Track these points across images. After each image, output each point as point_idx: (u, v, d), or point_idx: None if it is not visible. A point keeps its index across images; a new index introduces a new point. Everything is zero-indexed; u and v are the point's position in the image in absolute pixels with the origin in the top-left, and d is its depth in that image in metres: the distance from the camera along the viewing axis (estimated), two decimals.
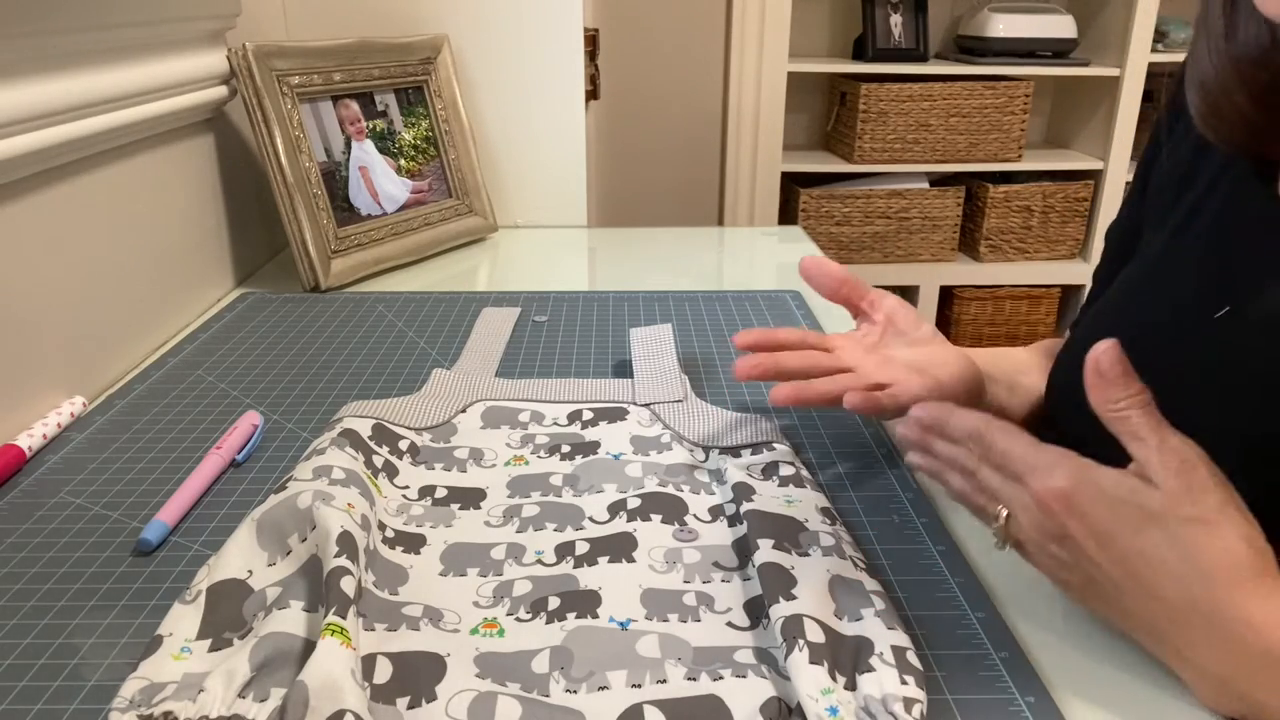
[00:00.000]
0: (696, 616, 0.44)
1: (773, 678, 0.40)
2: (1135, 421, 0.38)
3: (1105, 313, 0.58)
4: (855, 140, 2.18)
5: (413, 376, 0.74)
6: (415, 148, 1.08)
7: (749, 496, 0.51)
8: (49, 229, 0.67)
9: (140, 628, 0.45)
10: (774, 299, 0.92)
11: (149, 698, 0.37)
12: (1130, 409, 0.38)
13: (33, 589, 0.47)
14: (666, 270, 1.04)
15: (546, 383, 0.69)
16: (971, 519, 0.55)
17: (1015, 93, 2.19)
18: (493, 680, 0.40)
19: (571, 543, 0.50)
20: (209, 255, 0.93)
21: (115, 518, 0.54)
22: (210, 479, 0.57)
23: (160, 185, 0.84)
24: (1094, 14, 2.25)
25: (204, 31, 0.89)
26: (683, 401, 0.65)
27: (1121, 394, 0.38)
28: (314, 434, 0.64)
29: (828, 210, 2.24)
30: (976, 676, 0.42)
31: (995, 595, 0.48)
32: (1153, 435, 0.38)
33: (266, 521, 0.47)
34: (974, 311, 2.36)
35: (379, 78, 1.04)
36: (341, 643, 0.38)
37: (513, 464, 0.58)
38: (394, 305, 0.90)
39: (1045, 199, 2.27)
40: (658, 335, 0.76)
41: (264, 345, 0.80)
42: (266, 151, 0.92)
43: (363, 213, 1.01)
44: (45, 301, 0.67)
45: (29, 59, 0.63)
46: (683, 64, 2.21)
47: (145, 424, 0.66)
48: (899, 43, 2.20)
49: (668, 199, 2.32)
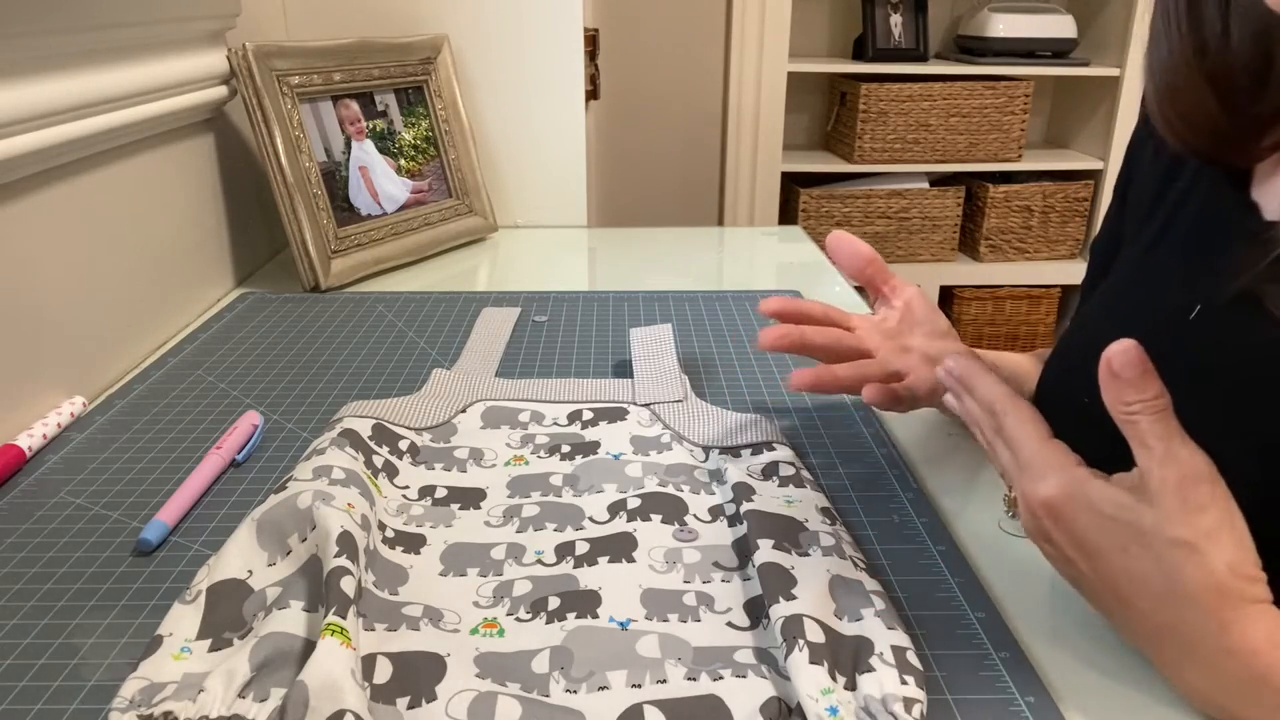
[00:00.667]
0: (696, 616, 0.44)
1: (773, 678, 0.40)
2: (1143, 427, 0.37)
3: (1085, 324, 0.57)
4: (855, 140, 2.18)
5: (413, 376, 0.74)
6: (415, 148, 1.08)
7: (749, 496, 0.51)
8: (49, 229, 0.67)
9: (140, 628, 0.45)
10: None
11: (149, 698, 0.37)
12: (1141, 414, 0.37)
13: (33, 589, 0.47)
14: (666, 270, 1.04)
15: (546, 383, 0.69)
16: (971, 519, 0.55)
17: (1015, 93, 2.19)
18: (493, 680, 0.40)
19: (571, 543, 0.50)
20: (209, 255, 0.93)
21: (115, 518, 0.54)
22: (210, 479, 0.57)
23: (160, 185, 0.84)
24: (1094, 14, 2.25)
25: (204, 31, 0.89)
26: (683, 401, 0.65)
27: (1135, 397, 0.37)
28: (314, 434, 0.64)
29: (828, 210, 2.24)
30: (976, 676, 0.42)
31: (995, 595, 0.48)
32: (1159, 444, 0.36)
33: (266, 521, 0.47)
34: (974, 311, 2.36)
35: (379, 78, 1.04)
36: (341, 643, 0.38)
37: (513, 464, 0.58)
38: (394, 305, 0.90)
39: (1045, 199, 2.27)
40: (658, 335, 0.76)
41: (264, 345, 0.80)
42: (266, 151, 0.92)
43: (363, 213, 1.01)
44: (45, 301, 0.67)
45: (29, 59, 0.63)
46: (683, 64, 2.21)
47: (145, 424, 0.66)
48: (899, 43, 2.20)
49: (668, 199, 2.32)
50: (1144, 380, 0.36)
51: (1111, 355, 0.37)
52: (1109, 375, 0.37)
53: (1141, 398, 0.36)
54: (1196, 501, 0.36)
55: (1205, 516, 0.36)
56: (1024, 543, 0.53)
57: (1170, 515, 0.36)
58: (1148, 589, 0.37)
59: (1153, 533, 0.36)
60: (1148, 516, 0.37)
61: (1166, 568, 0.36)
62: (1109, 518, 0.38)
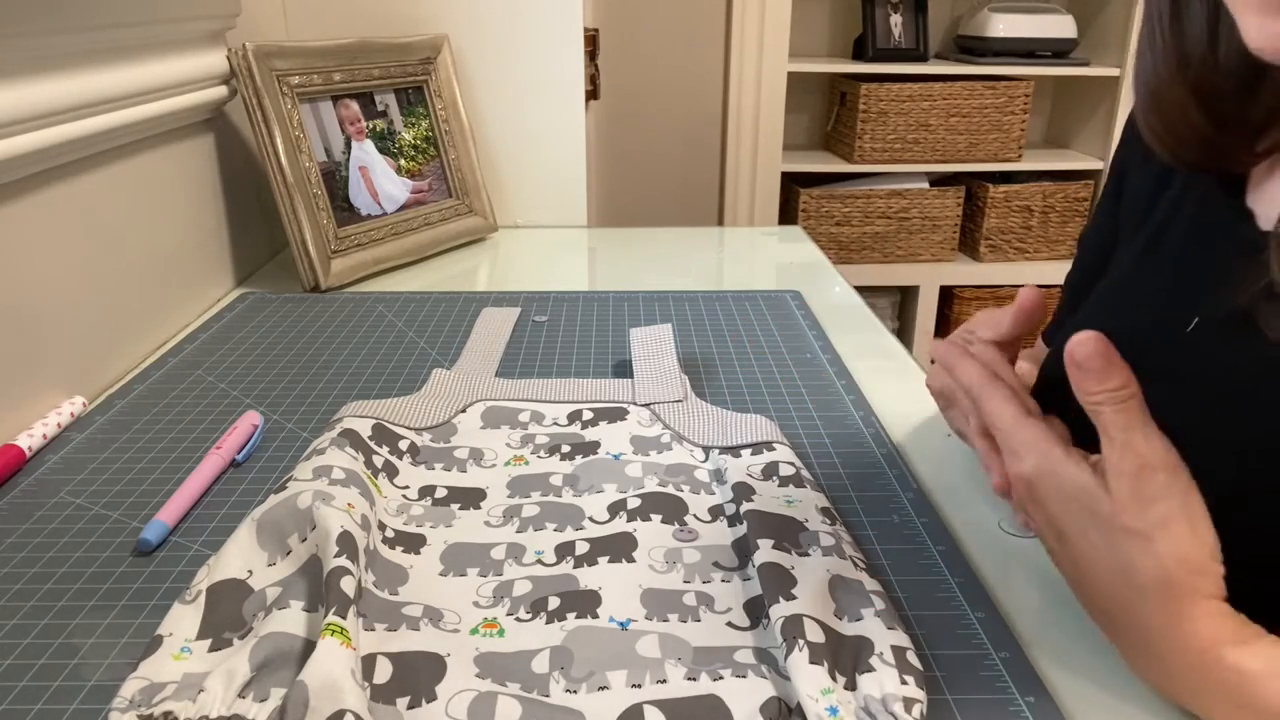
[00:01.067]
0: (696, 616, 0.44)
1: (773, 678, 0.40)
2: (1106, 417, 0.37)
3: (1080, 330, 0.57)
4: (855, 140, 2.18)
5: (413, 376, 0.74)
6: (415, 148, 1.08)
7: (749, 496, 0.51)
8: (49, 229, 0.67)
9: (140, 628, 0.45)
10: (774, 299, 0.92)
11: (149, 698, 0.37)
12: (1105, 404, 0.37)
13: (33, 589, 0.47)
14: (666, 270, 1.04)
15: (546, 383, 0.69)
16: (971, 519, 0.55)
17: (1015, 93, 2.19)
18: (493, 680, 0.40)
19: (571, 543, 0.50)
20: (209, 255, 0.93)
21: (115, 518, 0.54)
22: (210, 479, 0.57)
23: (160, 185, 0.84)
24: (1094, 14, 2.25)
25: (204, 31, 0.89)
26: (683, 401, 0.65)
27: (1097, 387, 0.37)
28: (314, 434, 0.64)
29: (828, 210, 2.24)
30: (976, 676, 0.42)
31: (995, 595, 0.48)
32: (1120, 434, 0.37)
33: (266, 521, 0.47)
34: (974, 311, 2.36)
35: (379, 78, 1.04)
36: (341, 643, 0.38)
37: (513, 464, 0.58)
38: (394, 305, 0.90)
39: (1045, 199, 2.27)
40: (658, 335, 0.76)
41: (264, 345, 0.80)
42: (266, 151, 0.92)
43: (363, 213, 1.01)
44: (45, 301, 0.67)
45: (29, 59, 0.63)
46: (683, 64, 2.21)
47: (145, 424, 0.66)
48: (899, 43, 2.20)
49: (668, 199, 2.32)
50: (1106, 371, 0.37)
51: (1074, 346, 0.37)
52: (1073, 365, 0.37)
53: (1103, 388, 0.37)
54: (1150, 492, 0.36)
55: (1157, 507, 0.36)
56: (1024, 543, 0.53)
57: (1123, 504, 0.36)
58: (1103, 574, 0.38)
59: (1107, 520, 0.37)
60: (1104, 504, 0.37)
61: (1119, 556, 0.37)
62: (1072, 499, 0.39)
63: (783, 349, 0.79)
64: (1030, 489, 0.41)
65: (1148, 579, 0.36)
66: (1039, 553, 0.52)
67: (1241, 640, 0.35)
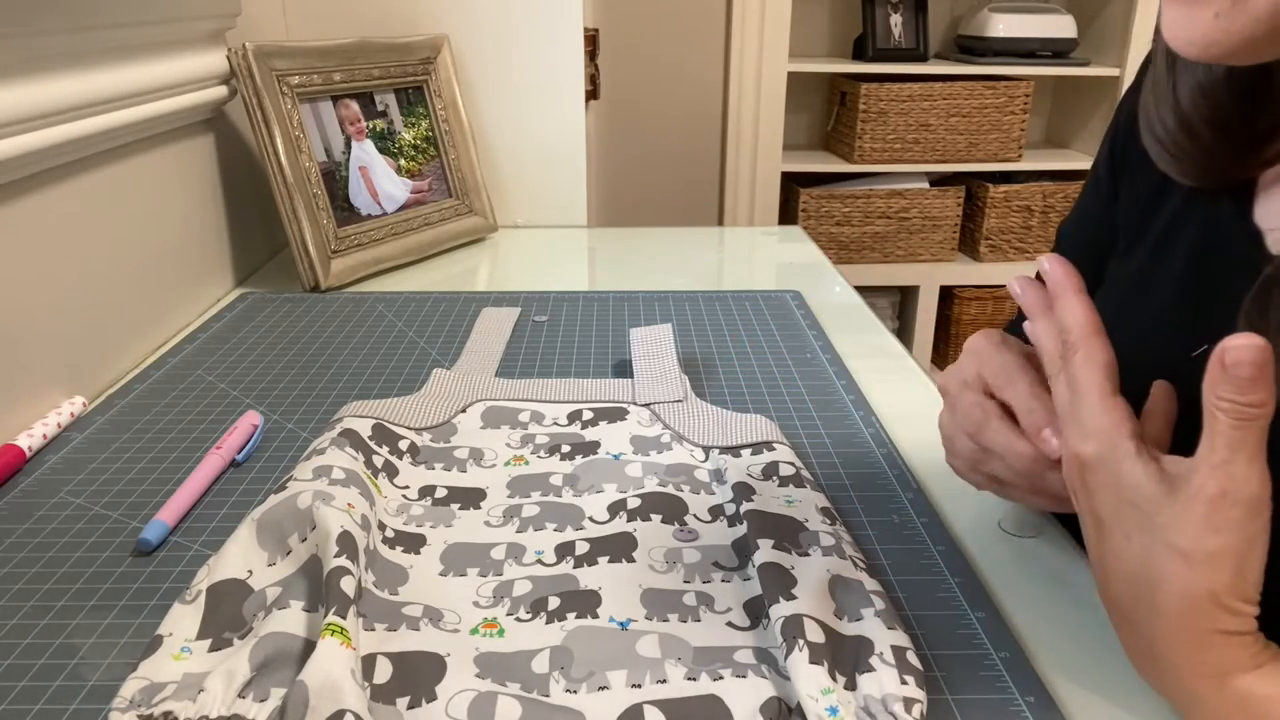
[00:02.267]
0: (696, 616, 0.44)
1: (773, 678, 0.40)
2: (1221, 427, 0.34)
3: None
4: (855, 140, 2.18)
5: (413, 376, 0.74)
6: (415, 148, 1.08)
7: (749, 496, 0.51)
8: (49, 229, 0.67)
9: (140, 628, 0.45)
10: (774, 299, 0.92)
11: (149, 698, 0.38)
12: (1227, 413, 0.34)
13: (33, 589, 0.47)
14: (666, 270, 1.04)
15: (546, 383, 0.69)
16: (971, 519, 0.55)
17: (1015, 93, 2.19)
18: (493, 680, 0.40)
19: (571, 543, 0.50)
20: (209, 255, 0.93)
21: (115, 518, 0.54)
22: (210, 479, 0.57)
23: (160, 185, 0.84)
24: (1094, 14, 2.25)
25: (204, 31, 0.89)
26: (683, 401, 0.65)
27: (1229, 394, 0.34)
28: (314, 434, 0.64)
29: (828, 210, 2.24)
30: (976, 676, 0.42)
31: (995, 595, 0.48)
32: (1224, 451, 0.34)
33: (266, 521, 0.47)
34: (974, 311, 2.36)
35: (379, 78, 1.04)
36: (341, 643, 0.38)
37: (513, 464, 0.58)
38: (394, 305, 0.90)
39: (1045, 199, 2.27)
40: (658, 335, 0.76)
41: (264, 345, 0.80)
42: (266, 151, 0.92)
43: (363, 213, 1.01)
44: (45, 301, 0.67)
45: (28, 59, 0.63)
46: (683, 64, 2.21)
47: (145, 424, 0.66)
48: (899, 43, 2.20)
49: (668, 199, 2.32)
50: (1249, 384, 0.33)
51: (1228, 348, 0.34)
52: (1218, 364, 0.34)
53: (1235, 398, 0.33)
54: (1218, 523, 0.34)
55: (1218, 538, 0.34)
56: (1024, 543, 0.53)
57: (1185, 524, 0.35)
58: (1131, 580, 0.37)
59: (1161, 530, 0.35)
60: (1165, 513, 0.35)
61: (1154, 568, 0.36)
62: (1127, 501, 0.37)
63: (783, 349, 0.79)
64: (1084, 472, 0.38)
65: (1173, 601, 0.35)
66: (1039, 553, 0.52)
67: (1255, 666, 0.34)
